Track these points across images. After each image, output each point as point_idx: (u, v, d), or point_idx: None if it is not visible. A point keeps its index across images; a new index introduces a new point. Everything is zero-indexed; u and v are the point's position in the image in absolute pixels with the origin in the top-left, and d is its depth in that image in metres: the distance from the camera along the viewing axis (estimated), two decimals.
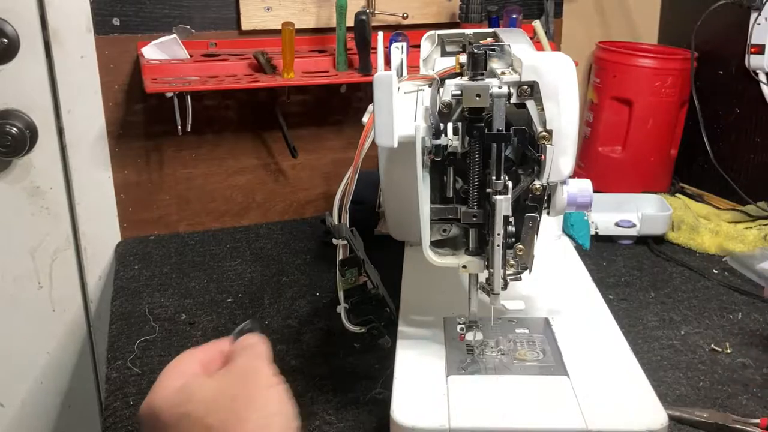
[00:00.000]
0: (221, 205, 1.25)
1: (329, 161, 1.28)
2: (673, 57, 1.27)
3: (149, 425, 0.49)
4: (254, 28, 1.17)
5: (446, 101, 0.66)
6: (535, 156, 0.65)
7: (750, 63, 1.19)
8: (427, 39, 0.96)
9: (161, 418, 0.47)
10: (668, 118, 1.27)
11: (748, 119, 1.25)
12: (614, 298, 0.97)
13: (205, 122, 1.19)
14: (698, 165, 1.32)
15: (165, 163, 1.20)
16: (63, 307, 1.20)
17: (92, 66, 1.10)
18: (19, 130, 1.06)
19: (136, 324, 0.92)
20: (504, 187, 0.64)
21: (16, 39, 1.05)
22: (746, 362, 0.83)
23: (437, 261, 0.70)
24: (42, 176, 1.13)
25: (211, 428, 0.45)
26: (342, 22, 1.13)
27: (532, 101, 0.65)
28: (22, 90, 1.08)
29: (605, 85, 1.29)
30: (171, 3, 1.12)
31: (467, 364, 0.70)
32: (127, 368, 0.83)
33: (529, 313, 0.79)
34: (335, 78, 1.14)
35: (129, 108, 1.15)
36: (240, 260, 1.10)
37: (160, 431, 0.47)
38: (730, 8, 1.17)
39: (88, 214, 1.17)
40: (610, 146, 1.30)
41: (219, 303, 0.97)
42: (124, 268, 1.09)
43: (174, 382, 0.50)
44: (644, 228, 1.11)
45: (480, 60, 0.65)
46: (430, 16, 1.25)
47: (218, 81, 1.09)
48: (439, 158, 0.67)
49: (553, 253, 0.97)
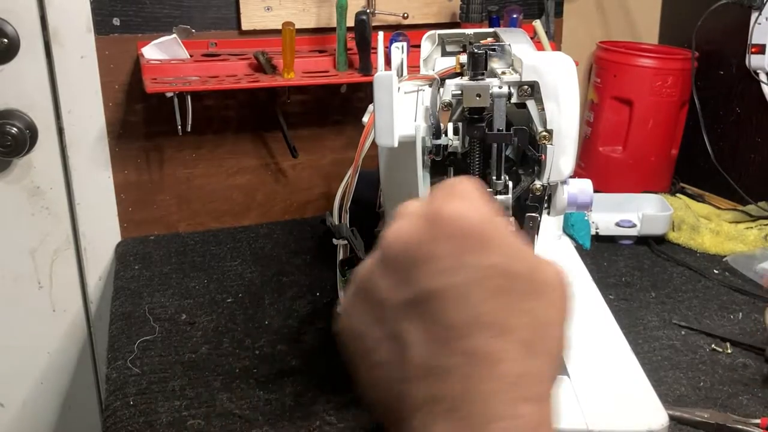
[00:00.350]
0: (221, 205, 1.25)
1: (329, 161, 1.28)
2: (673, 57, 1.27)
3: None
4: (254, 28, 1.17)
5: (446, 101, 0.66)
6: (535, 156, 0.65)
7: (750, 63, 1.19)
8: (427, 39, 0.96)
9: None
10: (669, 118, 1.27)
11: (749, 119, 1.25)
12: (614, 298, 0.97)
13: (205, 122, 1.19)
14: (699, 165, 1.32)
15: (165, 163, 1.20)
16: (63, 307, 1.20)
17: (92, 66, 1.10)
18: (19, 130, 1.06)
19: (137, 324, 0.92)
20: (504, 186, 0.64)
21: (16, 39, 1.05)
22: (747, 362, 0.83)
23: None
24: (42, 176, 1.13)
25: (517, 276, 0.39)
26: (342, 22, 1.13)
27: (533, 101, 0.65)
28: (22, 90, 1.08)
29: (606, 85, 1.29)
30: (171, 3, 1.12)
31: None
32: (127, 368, 0.83)
33: None
34: (335, 78, 1.14)
35: (129, 108, 1.15)
36: (240, 260, 1.10)
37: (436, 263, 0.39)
38: (731, 8, 1.17)
39: (88, 214, 1.17)
40: (610, 146, 1.30)
41: (219, 303, 0.97)
42: (125, 268, 1.08)
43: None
44: (645, 228, 1.11)
45: (480, 60, 0.65)
46: (430, 16, 1.25)
47: (218, 81, 1.09)
48: (440, 158, 0.67)
49: (553, 253, 0.97)
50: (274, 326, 0.91)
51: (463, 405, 0.36)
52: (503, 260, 0.39)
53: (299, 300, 0.97)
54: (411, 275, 0.39)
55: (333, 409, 0.74)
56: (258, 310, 0.95)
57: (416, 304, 0.39)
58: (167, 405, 0.76)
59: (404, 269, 0.40)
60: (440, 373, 0.38)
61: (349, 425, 0.72)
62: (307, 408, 0.75)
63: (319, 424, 0.72)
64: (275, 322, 0.92)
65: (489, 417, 0.36)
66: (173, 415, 0.75)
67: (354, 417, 0.73)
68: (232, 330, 0.91)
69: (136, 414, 0.75)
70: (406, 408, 0.39)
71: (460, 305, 0.38)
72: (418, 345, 0.38)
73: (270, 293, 1.00)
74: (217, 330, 0.90)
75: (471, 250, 0.39)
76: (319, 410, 0.74)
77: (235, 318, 0.93)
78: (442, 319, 0.38)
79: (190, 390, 0.79)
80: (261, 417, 0.74)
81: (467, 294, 0.38)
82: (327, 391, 0.77)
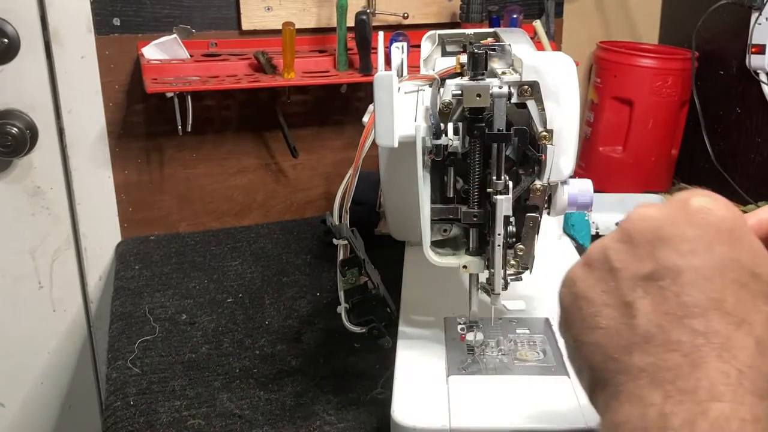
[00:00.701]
0: (222, 205, 1.25)
1: (330, 161, 1.28)
2: (673, 57, 1.27)
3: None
4: (255, 28, 1.17)
5: (447, 101, 0.66)
6: (535, 156, 0.65)
7: (751, 63, 1.19)
8: (427, 39, 0.96)
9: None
10: (669, 118, 1.27)
11: (749, 119, 1.25)
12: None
13: (205, 122, 1.19)
14: (699, 165, 1.32)
15: (165, 163, 1.20)
16: (63, 307, 1.20)
17: (92, 66, 1.10)
18: (19, 130, 1.06)
19: (137, 324, 0.92)
20: (504, 187, 0.64)
21: (16, 39, 1.05)
22: None
23: (438, 261, 0.70)
24: (42, 176, 1.13)
25: (759, 277, 0.41)
26: (342, 22, 1.13)
27: (533, 101, 0.65)
28: (22, 90, 1.08)
29: (606, 85, 1.29)
30: (171, 3, 1.12)
31: (468, 364, 0.70)
32: (128, 368, 0.83)
33: (530, 313, 0.78)
34: (336, 78, 1.14)
35: (129, 108, 1.15)
36: (240, 260, 1.10)
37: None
38: (731, 8, 1.17)
39: (89, 214, 1.17)
40: (610, 146, 1.30)
41: (219, 303, 0.97)
42: (125, 268, 1.08)
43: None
44: None
45: (480, 60, 0.65)
46: (430, 15, 1.25)
47: (219, 81, 1.09)
48: (440, 158, 0.67)
49: (553, 253, 0.97)
50: (274, 326, 0.91)
51: (689, 378, 0.38)
52: (749, 258, 0.41)
53: (299, 300, 0.97)
54: (654, 250, 0.42)
55: (333, 409, 0.74)
56: (258, 310, 0.95)
57: (654, 277, 0.41)
58: (167, 405, 0.76)
59: (648, 244, 0.42)
60: (667, 344, 0.39)
61: (350, 425, 0.72)
62: (307, 408, 0.75)
63: (319, 424, 0.72)
64: (275, 322, 0.92)
65: (714, 395, 0.37)
66: (173, 415, 0.75)
67: (354, 417, 0.73)
68: (232, 330, 0.91)
69: (137, 414, 0.75)
70: (622, 372, 0.41)
71: (700, 286, 0.40)
72: (647, 315, 0.41)
73: (270, 293, 1.00)
74: (217, 330, 0.90)
75: (720, 240, 0.41)
76: (319, 410, 0.74)
77: (236, 318, 0.93)
78: (679, 295, 0.40)
79: (191, 390, 0.79)
80: (261, 417, 0.74)
81: (710, 278, 0.40)
82: (327, 391, 0.78)
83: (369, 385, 0.78)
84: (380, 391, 0.76)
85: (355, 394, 0.77)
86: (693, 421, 0.36)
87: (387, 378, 0.75)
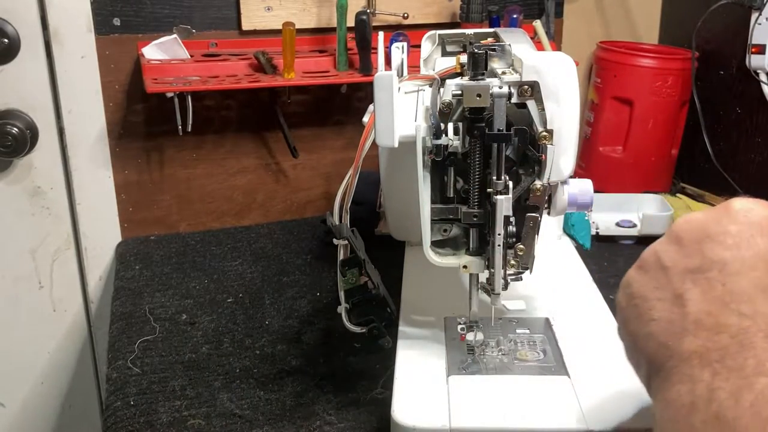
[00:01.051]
0: (222, 205, 1.25)
1: (330, 161, 1.28)
2: (673, 57, 1.27)
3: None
4: (255, 28, 1.17)
5: (447, 101, 0.66)
6: (535, 156, 0.65)
7: (751, 63, 1.19)
8: (427, 39, 0.96)
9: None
10: (669, 118, 1.27)
11: (749, 119, 1.25)
12: (615, 298, 0.96)
13: (205, 122, 1.19)
14: (699, 165, 1.32)
15: (165, 163, 1.20)
16: (63, 307, 1.20)
17: (93, 66, 1.10)
18: (19, 130, 1.06)
19: (137, 324, 0.92)
20: (505, 187, 0.64)
21: (16, 39, 1.05)
22: None
23: (438, 261, 0.70)
24: (42, 176, 1.13)
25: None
26: (342, 22, 1.13)
27: (533, 101, 0.65)
28: (22, 90, 1.08)
29: (606, 85, 1.29)
30: (171, 3, 1.12)
31: (468, 364, 0.70)
32: (128, 368, 0.83)
33: (530, 313, 0.79)
34: (336, 78, 1.14)
35: (129, 108, 1.15)
36: (240, 260, 1.10)
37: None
38: (731, 8, 1.17)
39: (89, 214, 1.17)
40: (610, 146, 1.30)
41: (219, 303, 0.97)
42: (125, 269, 1.09)
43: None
44: (645, 228, 1.11)
45: (480, 60, 0.65)
46: (430, 16, 1.25)
47: (219, 81, 1.09)
48: (440, 158, 0.67)
49: (553, 253, 0.97)
50: (274, 326, 0.91)
51: (738, 356, 0.41)
52: None
53: (299, 300, 0.97)
54: (701, 247, 0.47)
55: (333, 409, 0.74)
56: (258, 310, 0.95)
57: (701, 270, 0.46)
58: (168, 405, 0.76)
59: (695, 242, 0.47)
60: (716, 327, 0.43)
61: (350, 425, 0.72)
62: (307, 408, 0.75)
63: (319, 424, 0.72)
64: (275, 322, 0.92)
65: (761, 371, 0.40)
66: (173, 415, 0.75)
67: (354, 417, 0.73)
68: (233, 330, 0.91)
69: (137, 414, 0.75)
70: (675, 356, 0.45)
71: (745, 274, 0.44)
72: (696, 303, 0.45)
73: (270, 293, 1.00)
74: (217, 330, 0.91)
75: (762, 234, 0.46)
76: (319, 410, 0.74)
77: (236, 318, 0.93)
78: (726, 284, 0.44)
79: (191, 390, 0.79)
80: (261, 417, 0.74)
81: (754, 266, 0.44)
82: (327, 391, 0.78)
83: (369, 385, 0.78)
84: (380, 391, 0.76)
85: (355, 394, 0.77)
86: (739, 393, 0.40)
87: (387, 378, 0.75)
